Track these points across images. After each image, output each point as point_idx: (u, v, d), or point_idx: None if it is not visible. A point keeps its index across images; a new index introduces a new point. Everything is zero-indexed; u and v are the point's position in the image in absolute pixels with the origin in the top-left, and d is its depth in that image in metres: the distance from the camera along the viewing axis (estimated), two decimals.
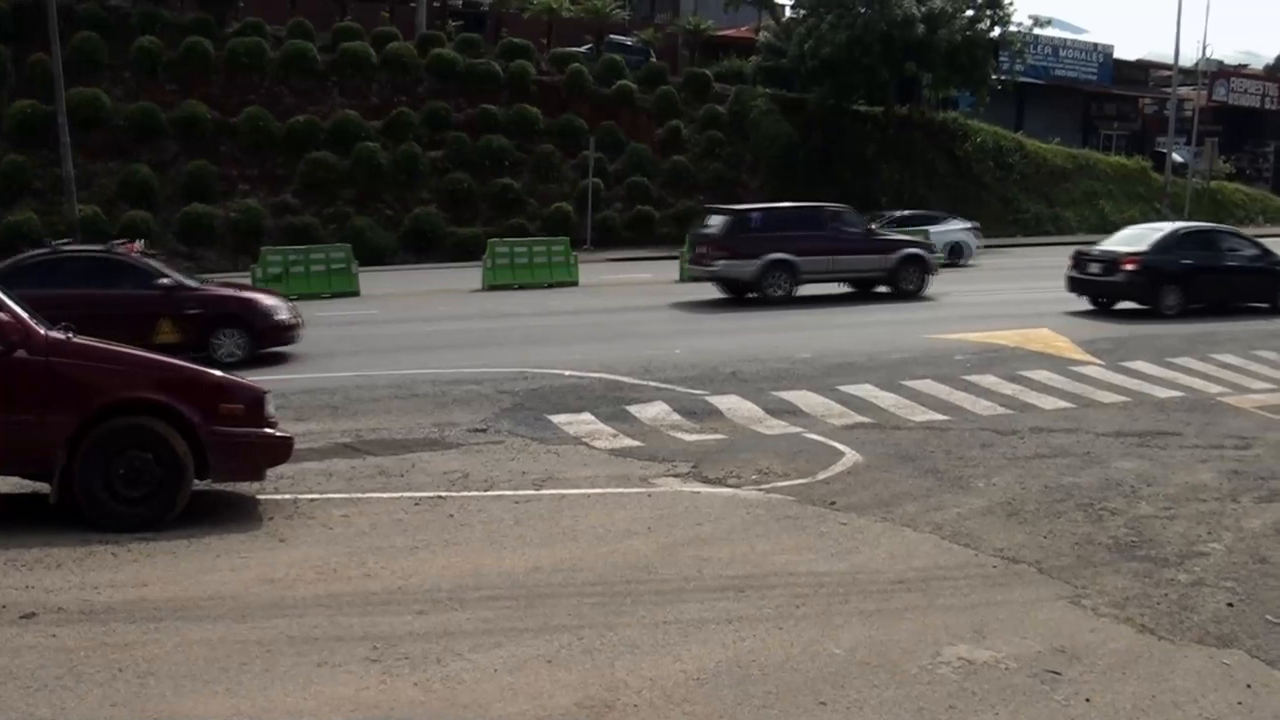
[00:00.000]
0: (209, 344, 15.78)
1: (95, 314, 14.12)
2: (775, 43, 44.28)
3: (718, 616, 6.77)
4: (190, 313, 15.94)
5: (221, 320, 16.11)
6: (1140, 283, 20.40)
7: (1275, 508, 9.36)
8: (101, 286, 15.50)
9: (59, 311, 13.71)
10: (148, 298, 15.75)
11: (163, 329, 15.62)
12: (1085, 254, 21.67)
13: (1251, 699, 5.92)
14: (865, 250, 23.83)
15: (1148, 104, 61.56)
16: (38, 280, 14.83)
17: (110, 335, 14.14)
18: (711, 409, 12.80)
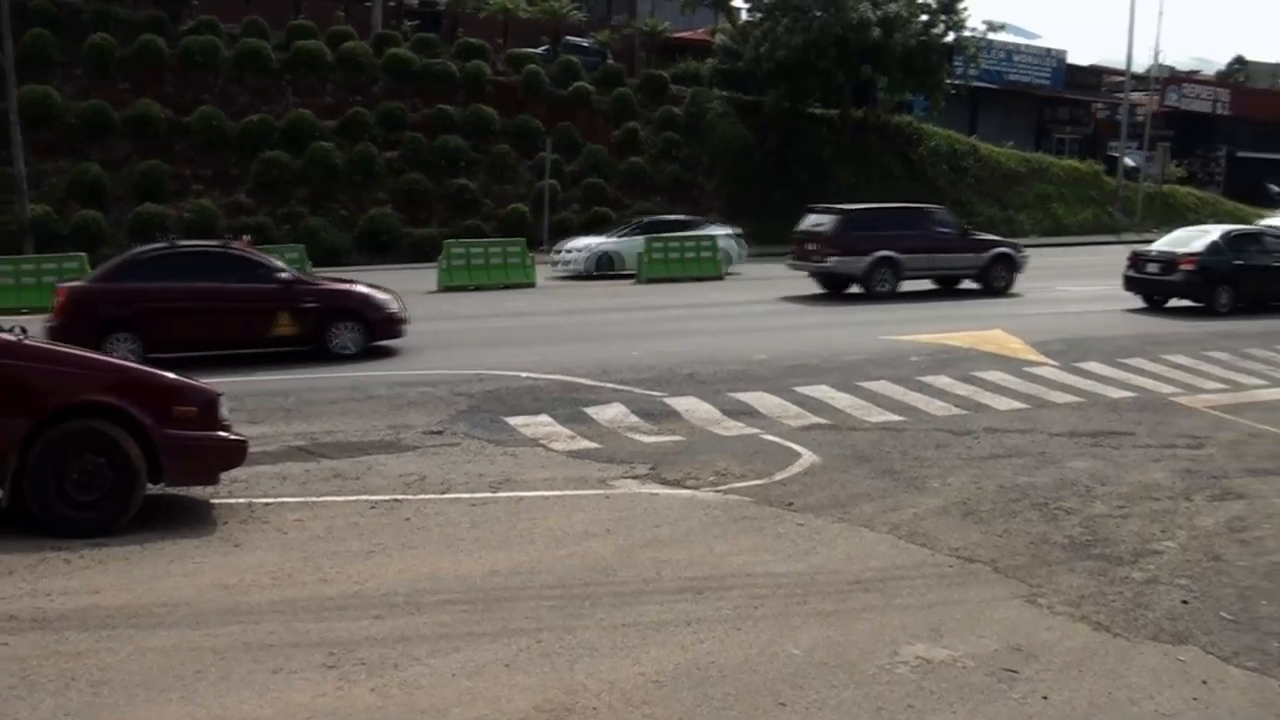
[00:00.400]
0: (325, 337, 16.26)
1: (216, 307, 15.82)
2: (731, 45, 44.37)
3: (676, 618, 6.77)
4: (308, 306, 16.28)
5: (337, 314, 16.47)
6: (1196, 282, 21.55)
7: (1228, 506, 9.50)
8: (221, 280, 15.90)
9: (180, 304, 15.49)
10: (267, 291, 16.09)
11: (281, 322, 16.07)
12: (1143, 255, 22.79)
13: (1207, 694, 6.01)
14: (960, 249, 25.35)
15: (1100, 109, 62.24)
16: (156, 274, 15.71)
17: (231, 328, 15.98)
18: (669, 410, 12.80)
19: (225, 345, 16.27)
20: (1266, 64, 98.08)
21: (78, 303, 15.54)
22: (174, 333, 15.63)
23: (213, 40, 36.43)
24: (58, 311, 15.51)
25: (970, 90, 49.04)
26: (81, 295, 15.72)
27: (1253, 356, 16.75)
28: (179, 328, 15.70)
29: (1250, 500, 9.70)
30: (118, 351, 14.43)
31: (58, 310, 15.54)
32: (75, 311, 15.39)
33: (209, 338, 16.14)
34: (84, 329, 14.71)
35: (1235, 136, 64.29)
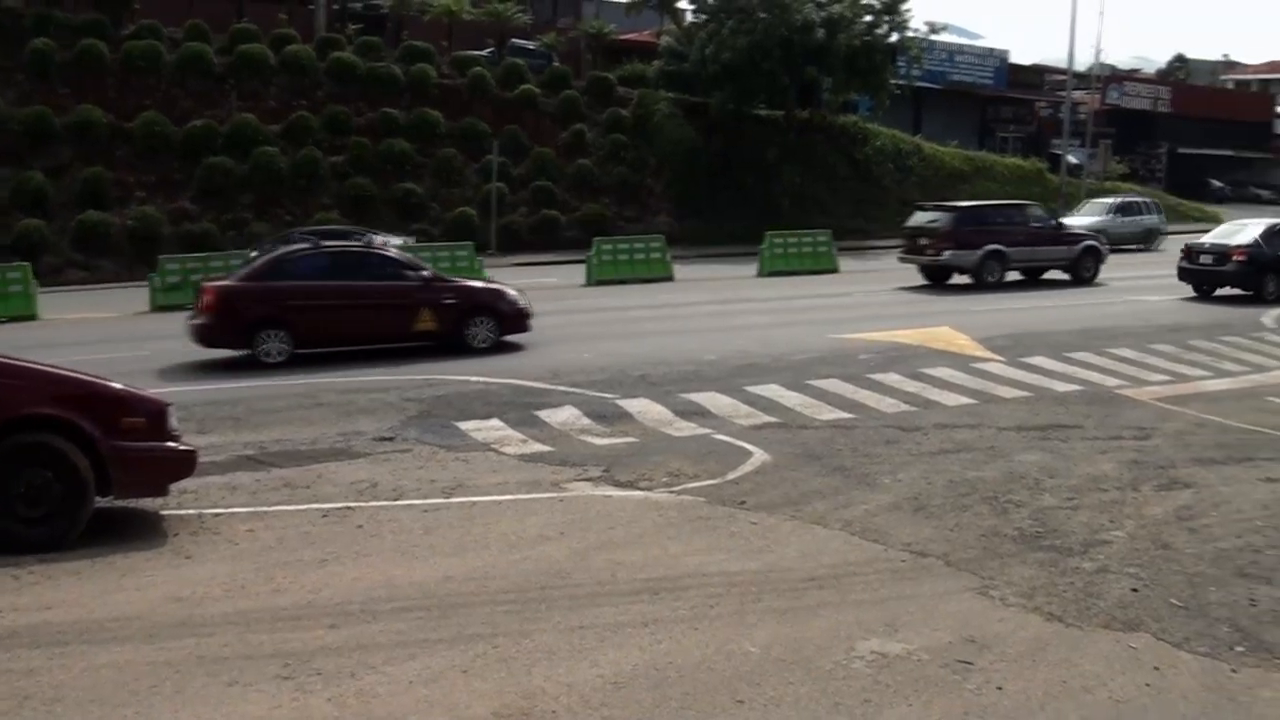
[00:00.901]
0: (464, 331, 16.95)
1: (362, 304, 16.54)
2: (677, 47, 44.46)
3: (633, 620, 6.79)
4: (448, 302, 16.98)
5: (474, 310, 17.18)
6: (1247, 271, 23.10)
7: (1175, 495, 9.67)
8: (367, 278, 16.73)
9: (329, 302, 16.17)
10: (410, 289, 16.84)
11: (424, 317, 16.78)
12: (1196, 247, 24.33)
13: (1159, 680, 6.12)
14: (1054, 242, 27.16)
15: (1043, 107, 63.10)
16: (304, 273, 16.56)
17: (376, 324, 16.59)
18: (621, 412, 12.81)
19: (370, 341, 16.97)
20: (1206, 62, 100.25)
21: (228, 301, 16.16)
22: (322, 329, 16.50)
23: (154, 45, 35.94)
24: (206, 310, 16.12)
25: (914, 90, 49.48)
26: (232, 294, 16.29)
27: (1197, 349, 17.03)
28: (327, 324, 16.47)
29: (1197, 489, 9.87)
30: (269, 347, 15.95)
31: (206, 308, 16.13)
32: (225, 310, 16.07)
33: (355, 333, 16.91)
34: (234, 326, 15.99)
35: (1176, 133, 65.41)
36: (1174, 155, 64.54)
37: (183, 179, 33.90)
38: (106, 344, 17.94)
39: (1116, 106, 63.75)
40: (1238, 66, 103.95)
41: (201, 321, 16.10)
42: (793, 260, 30.82)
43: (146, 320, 22.77)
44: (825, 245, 31.98)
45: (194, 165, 33.96)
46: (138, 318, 23.18)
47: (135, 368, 14.98)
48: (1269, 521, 8.99)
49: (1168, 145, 64.90)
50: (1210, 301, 23.10)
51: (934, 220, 26.82)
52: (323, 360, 16.26)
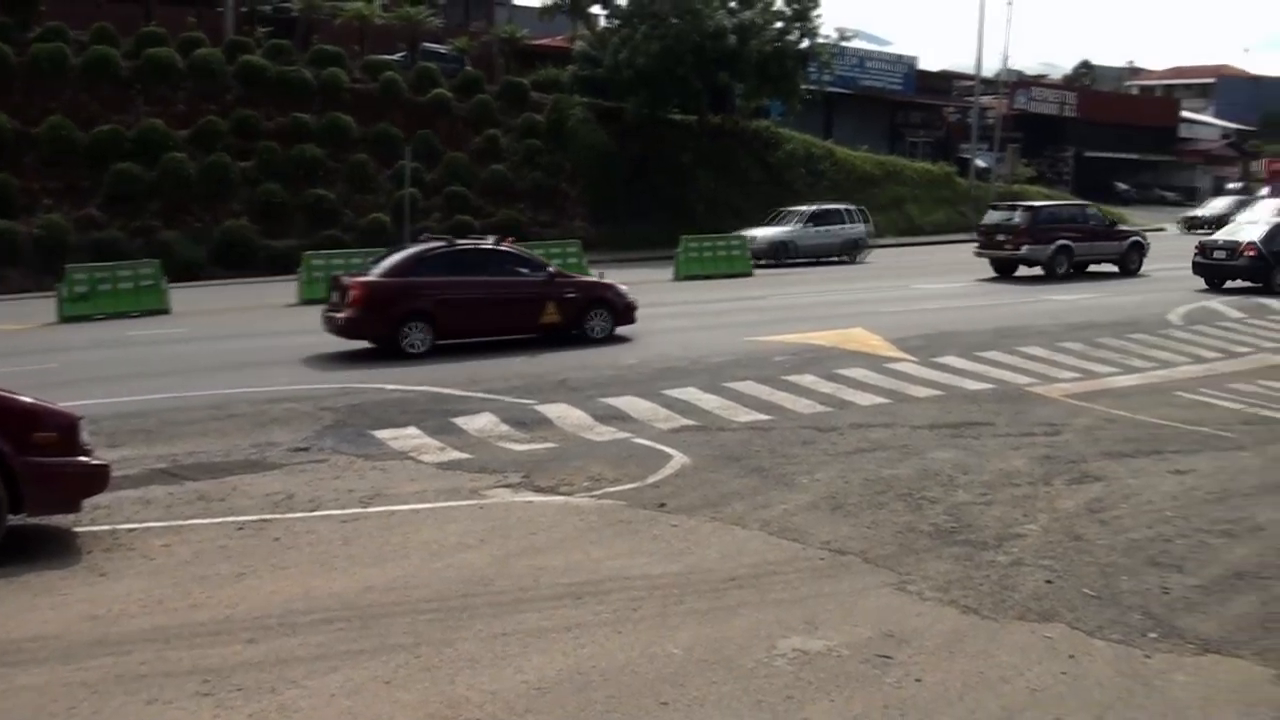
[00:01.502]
0: (583, 324, 18.24)
1: (496, 298, 17.68)
2: (591, 52, 44.53)
3: (556, 625, 6.79)
4: (569, 296, 18.32)
5: (592, 303, 18.54)
6: (1258, 265, 25.15)
7: (1086, 489, 9.92)
8: (498, 274, 17.90)
9: (467, 296, 17.21)
10: (536, 284, 18.08)
11: (549, 311, 18.04)
12: (1210, 244, 26.53)
13: (1074, 668, 6.28)
14: (1108, 238, 30.33)
15: (951, 112, 64.26)
16: (443, 269, 17.49)
17: (508, 316, 17.76)
18: (540, 418, 12.79)
19: (502, 332, 18.07)
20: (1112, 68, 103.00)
21: (376, 296, 17.04)
22: (461, 322, 17.54)
23: (60, 48, 34.98)
24: (354, 304, 16.85)
25: (825, 95, 50.13)
26: (379, 289, 17.14)
27: (1105, 346, 17.47)
28: (465, 317, 17.52)
29: (1108, 482, 10.13)
30: (413, 339, 16.90)
31: (354, 303, 16.85)
32: (372, 304, 16.95)
33: (490, 326, 17.99)
34: (382, 319, 16.94)
35: (1083, 137, 67.06)
36: (1081, 159, 66.16)
37: (90, 186, 33.05)
38: (12, 357, 17.45)
39: (1024, 111, 65.16)
40: (1142, 73, 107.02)
41: (348, 315, 16.87)
42: (708, 264, 31.04)
43: (54, 332, 22.18)
44: (740, 249, 32.26)
45: (101, 172, 33.15)
46: (45, 329, 22.58)
47: (43, 381, 14.57)
48: (1178, 512, 9.27)
49: (1074, 149, 66.53)
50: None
51: (1010, 218, 29.49)
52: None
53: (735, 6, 41.85)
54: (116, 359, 16.53)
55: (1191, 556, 8.20)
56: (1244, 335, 18.96)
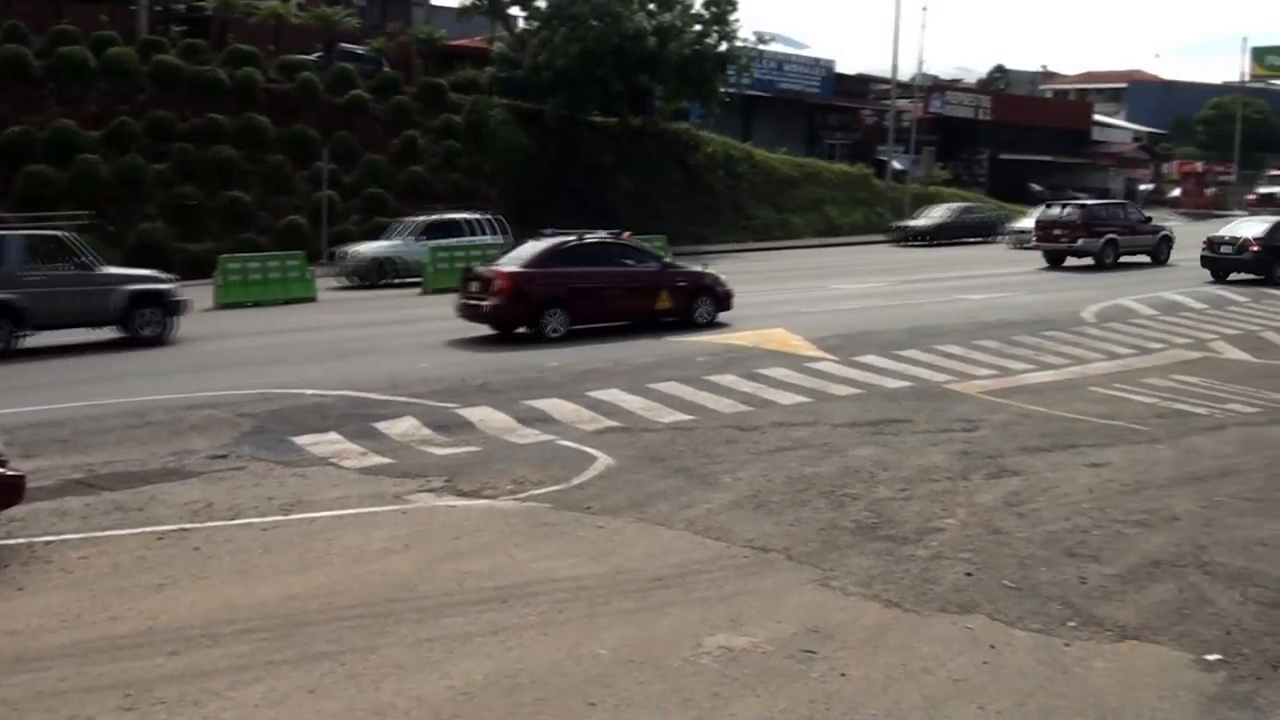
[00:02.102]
0: (690, 310, 19.83)
1: (621, 286, 19.47)
2: (510, 54, 44.38)
3: (482, 629, 6.76)
4: (680, 285, 20.01)
5: (698, 291, 20.16)
6: (1262, 259, 27.03)
7: (1004, 483, 10.12)
8: (619, 265, 19.81)
9: (597, 285, 19.02)
10: (653, 273, 20.08)
11: (663, 298, 19.65)
12: (1217, 239, 28.37)
13: (995, 658, 6.41)
14: (1143, 232, 33.51)
15: (868, 115, 64.97)
16: (575, 261, 19.20)
17: (630, 303, 19.43)
18: (463, 421, 12.71)
19: (625, 318, 19.58)
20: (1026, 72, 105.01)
21: (521, 286, 18.58)
22: (591, 308, 19.16)
23: None
24: (500, 293, 18.37)
25: (744, 98, 50.50)
26: (524, 279, 18.67)
27: (1021, 343, 17.80)
28: (595, 304, 19.21)
29: (1025, 476, 10.34)
30: (553, 324, 18.55)
31: (500, 292, 18.38)
32: (518, 292, 18.48)
33: (615, 312, 19.51)
34: (526, 307, 18.54)
35: (997, 140, 68.17)
36: (996, 161, 67.25)
37: (0, 188, 32.20)
38: None
39: (939, 114, 66.14)
40: (1056, 77, 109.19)
41: (495, 303, 18.43)
42: None
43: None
44: (661, 251, 32.29)
45: (13, 173, 32.30)
46: None
47: None
48: (1094, 504, 9.50)
49: (989, 151, 67.62)
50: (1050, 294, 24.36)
51: (1067, 214, 32.72)
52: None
53: (654, 9, 41.99)
54: (29, 369, 16.12)
55: (1108, 547, 8.40)
56: (1156, 332, 19.42)
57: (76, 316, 18.97)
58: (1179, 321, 20.65)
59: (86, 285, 19.08)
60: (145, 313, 19.43)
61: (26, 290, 18.22)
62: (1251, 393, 14.57)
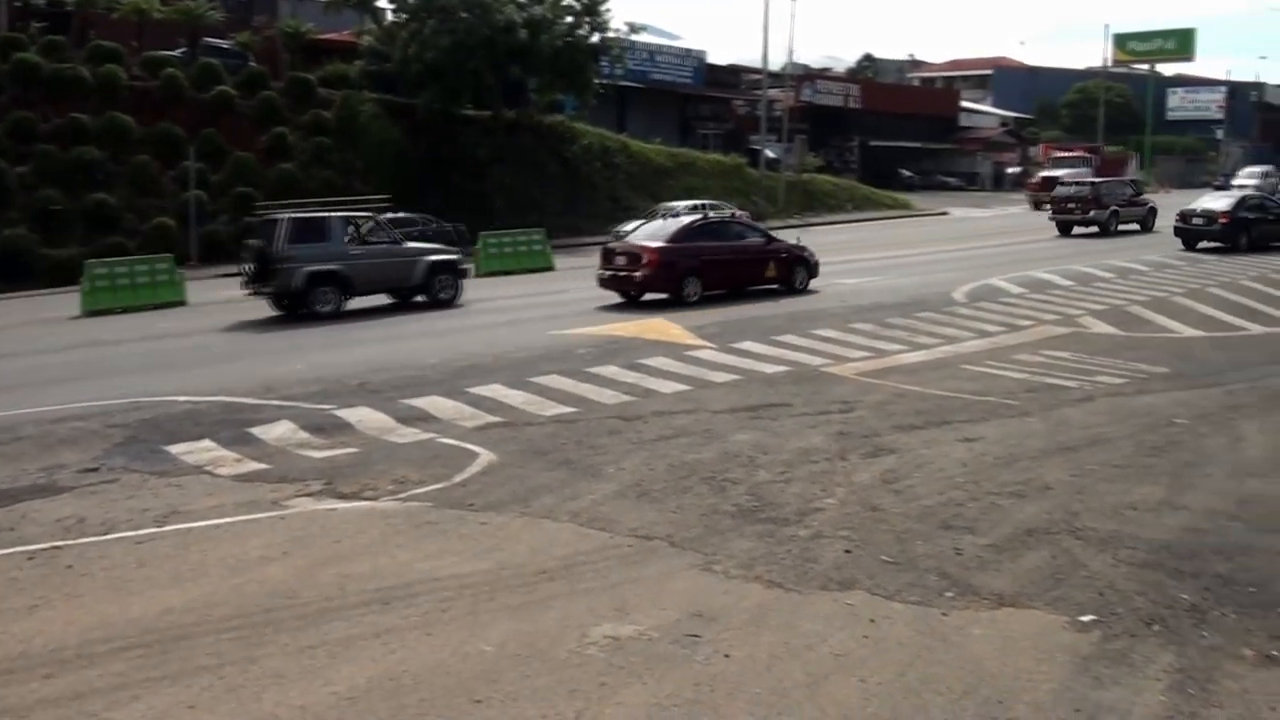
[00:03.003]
0: (791, 278, 22.99)
1: (740, 258, 22.62)
2: (379, 47, 43.65)
3: (365, 632, 6.69)
4: (782, 257, 23.23)
5: (797, 261, 23.33)
6: (1229, 230, 30.48)
7: (880, 461, 10.36)
8: (740, 240, 23.38)
9: (723, 258, 22.10)
10: (763, 247, 23.26)
11: (770, 268, 22.91)
12: (1189, 213, 31.98)
13: (875, 631, 6.59)
14: (1137, 204, 39.55)
15: (740, 105, 65.66)
16: (704, 237, 22.55)
17: (746, 273, 22.53)
18: (341, 423, 12.52)
19: (742, 285, 22.58)
20: (894, 60, 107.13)
21: (666, 258, 21.45)
22: (718, 277, 22.08)
23: None
24: (650, 265, 21.34)
25: (617, 89, 50.54)
26: (668, 253, 21.59)
27: (894, 325, 18.20)
28: (721, 273, 22.17)
29: (900, 454, 10.60)
30: (690, 290, 21.42)
31: (650, 264, 21.35)
32: (664, 264, 21.35)
33: (734, 280, 22.51)
34: (670, 276, 21.42)
35: (867, 127, 69.48)
36: (866, 148, 68.55)
37: None
38: None
39: (810, 103, 67.14)
40: (923, 65, 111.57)
41: (646, 274, 21.36)
42: (509, 260, 30.99)
43: None
44: (540, 243, 32.31)
45: None
46: None
47: None
48: (969, 477, 9.78)
49: (860, 139, 68.89)
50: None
51: (1080, 190, 38.47)
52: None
53: (525, 1, 41.74)
54: None
55: (983, 518, 8.67)
56: (1025, 309, 20.03)
57: (390, 283, 22.79)
58: (1047, 299, 21.32)
59: (396, 257, 22.82)
60: (442, 279, 23.13)
61: (350, 262, 21.91)
62: (1119, 364, 15.15)
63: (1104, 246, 32.52)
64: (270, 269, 21.17)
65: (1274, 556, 7.86)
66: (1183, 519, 8.70)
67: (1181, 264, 26.93)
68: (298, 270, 21.18)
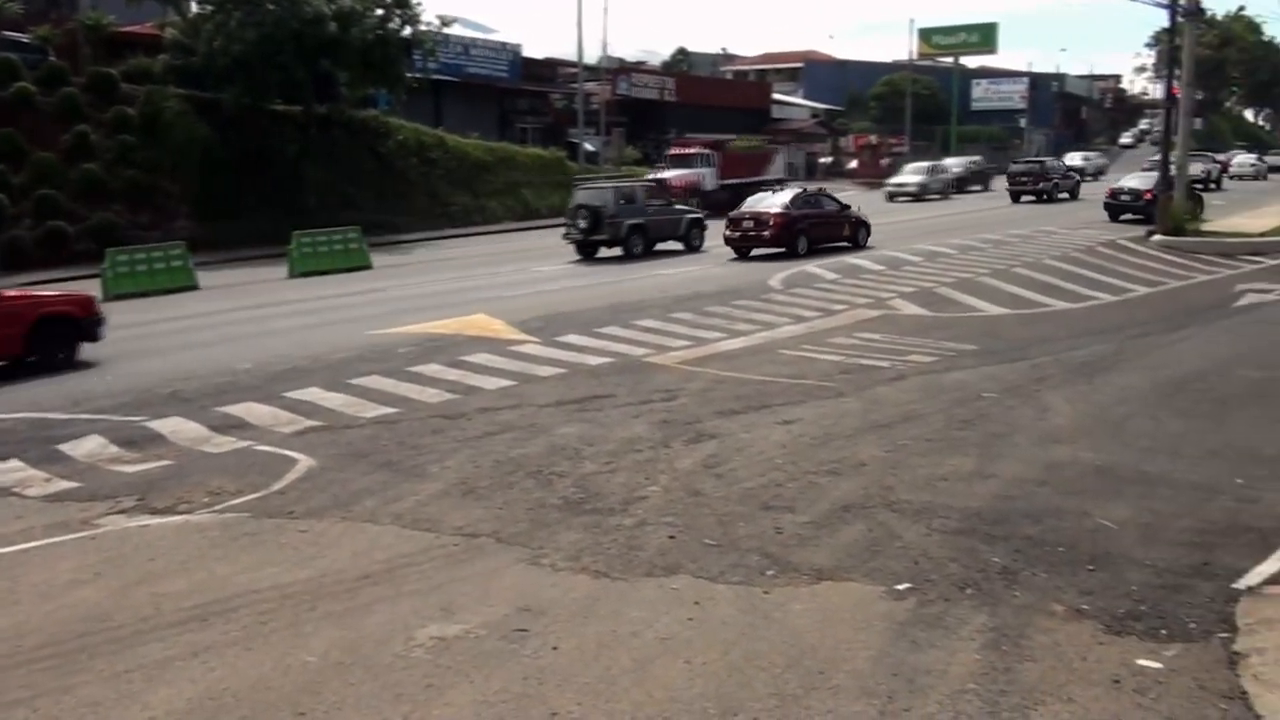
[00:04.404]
0: (857, 237, 29.75)
1: (829, 221, 29.43)
2: (184, 40, 41.99)
3: (183, 652, 6.49)
4: (852, 220, 30.04)
5: (860, 224, 30.18)
6: (1153, 206, 32.04)
7: (703, 447, 10.55)
8: (826, 209, 29.92)
9: (821, 220, 29.34)
10: (838, 212, 30.05)
11: (845, 231, 29.62)
12: (1119, 189, 36.92)
13: (700, 613, 6.73)
14: (1069, 178, 49.62)
15: (558, 99, 65.49)
16: (805, 204, 29.23)
17: (830, 231, 29.27)
18: (153, 435, 12.06)
19: (830, 242, 28.89)
20: (707, 54, 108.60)
21: (787, 220, 28.09)
22: (817, 235, 28.62)
23: None
24: (776, 226, 27.83)
25: (432, 84, 49.86)
26: (789, 217, 28.18)
27: (713, 314, 18.52)
28: (818, 232, 28.85)
29: (722, 439, 10.82)
30: (800, 245, 27.90)
31: (776, 225, 27.84)
32: (785, 225, 27.92)
33: (826, 238, 28.99)
34: (790, 234, 27.90)
35: (683, 120, 70.24)
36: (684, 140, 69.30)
37: None
38: None
39: (627, 96, 67.54)
40: (736, 58, 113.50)
41: (774, 232, 27.86)
42: (324, 259, 30.22)
43: None
44: (356, 242, 31.66)
45: None
46: None
47: None
48: (788, 458, 10.06)
49: (676, 131, 69.58)
50: (731, 266, 25.62)
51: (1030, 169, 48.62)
52: None
53: None
54: None
55: (801, 497, 8.93)
56: (839, 294, 20.65)
57: (667, 234, 31.04)
58: (859, 283, 22.03)
59: (671, 215, 31.70)
60: (695, 231, 31.62)
61: (649, 218, 30.57)
62: (929, 344, 15.77)
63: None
64: (603, 224, 29.27)
65: (1080, 518, 8.32)
66: (993, 487, 9.14)
67: (986, 246, 28.14)
68: (623, 224, 29.62)
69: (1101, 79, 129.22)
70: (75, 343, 17.00)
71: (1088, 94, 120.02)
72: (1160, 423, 11.33)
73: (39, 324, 16.52)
